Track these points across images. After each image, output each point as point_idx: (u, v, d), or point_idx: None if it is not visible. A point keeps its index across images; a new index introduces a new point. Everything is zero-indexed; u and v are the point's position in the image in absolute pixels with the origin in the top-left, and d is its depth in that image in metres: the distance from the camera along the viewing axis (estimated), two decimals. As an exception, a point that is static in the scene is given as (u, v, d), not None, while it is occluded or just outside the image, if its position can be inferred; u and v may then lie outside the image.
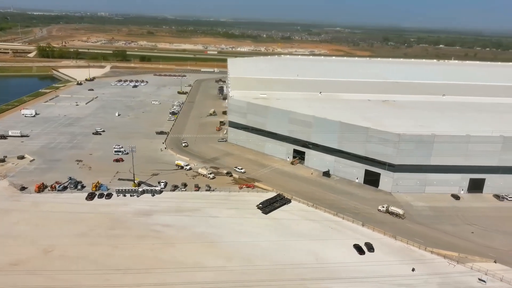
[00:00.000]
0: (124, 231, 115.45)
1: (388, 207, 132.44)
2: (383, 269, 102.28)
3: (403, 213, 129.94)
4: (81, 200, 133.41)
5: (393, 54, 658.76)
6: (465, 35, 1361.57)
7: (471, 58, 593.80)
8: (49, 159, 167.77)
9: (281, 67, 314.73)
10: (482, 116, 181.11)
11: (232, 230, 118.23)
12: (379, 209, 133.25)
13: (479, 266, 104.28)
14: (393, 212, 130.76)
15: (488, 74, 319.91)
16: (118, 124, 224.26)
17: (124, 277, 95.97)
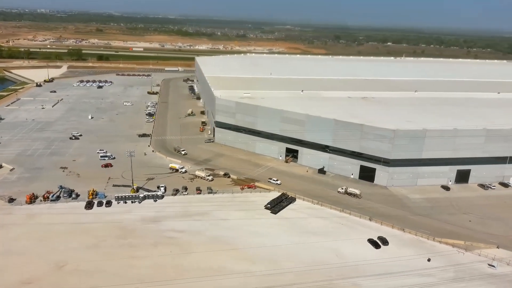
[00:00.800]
0: (137, 240, 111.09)
1: (347, 189, 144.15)
2: (401, 262, 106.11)
3: (360, 193, 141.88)
4: (79, 210, 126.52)
5: (347, 51, 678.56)
6: (408, 33, 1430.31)
7: (420, 55, 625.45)
8: (31, 168, 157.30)
9: (252, 66, 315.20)
10: (456, 110, 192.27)
11: (246, 232, 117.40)
12: (338, 191, 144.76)
13: (486, 252, 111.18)
14: (351, 193, 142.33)
15: (451, 70, 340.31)
16: (93, 127, 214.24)
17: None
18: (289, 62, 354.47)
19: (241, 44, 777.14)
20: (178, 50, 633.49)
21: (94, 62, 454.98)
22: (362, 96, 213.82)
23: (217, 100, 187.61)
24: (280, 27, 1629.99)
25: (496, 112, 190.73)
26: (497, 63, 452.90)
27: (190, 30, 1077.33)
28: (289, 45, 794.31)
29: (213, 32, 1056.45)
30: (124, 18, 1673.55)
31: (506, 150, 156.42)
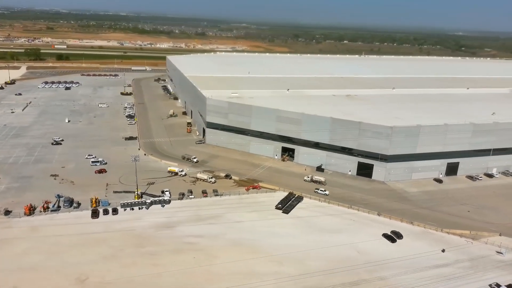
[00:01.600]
0: (156, 248, 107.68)
1: (312, 177, 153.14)
2: (418, 254, 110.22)
3: (325, 180, 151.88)
4: (86, 219, 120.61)
5: (308, 49, 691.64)
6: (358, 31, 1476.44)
7: (377, 53, 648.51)
8: (18, 176, 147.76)
9: (227, 65, 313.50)
10: (435, 106, 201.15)
11: (264, 233, 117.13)
12: (305, 180, 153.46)
13: (491, 240, 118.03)
14: (316, 180, 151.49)
15: (419, 67, 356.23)
16: (73, 131, 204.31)
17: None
18: (263, 61, 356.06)
19: (203, 42, 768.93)
20: (140, 48, 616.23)
21: (54, 62, 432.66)
22: (346, 94, 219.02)
23: (208, 101, 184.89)
24: (237, 25, 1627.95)
25: (471, 106, 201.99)
26: (460, 60, 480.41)
27: (146, 28, 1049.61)
28: (251, 44, 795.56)
29: (171, 30, 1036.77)
30: (73, 16, 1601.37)
31: (490, 143, 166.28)
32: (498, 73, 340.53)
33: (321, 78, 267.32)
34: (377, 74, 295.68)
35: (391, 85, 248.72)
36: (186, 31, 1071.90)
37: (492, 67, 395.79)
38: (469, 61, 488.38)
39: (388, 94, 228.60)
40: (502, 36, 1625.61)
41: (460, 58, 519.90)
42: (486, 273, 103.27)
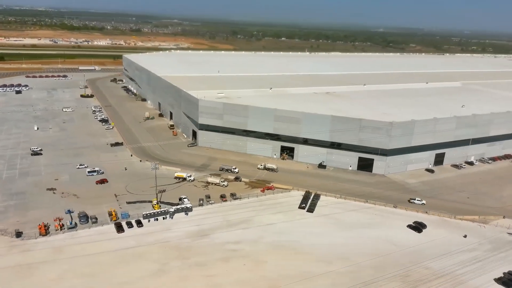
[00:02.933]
0: (202, 258, 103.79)
1: (265, 165, 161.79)
2: (445, 241, 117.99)
3: (276, 167, 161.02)
4: (111, 234, 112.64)
5: (252, 47, 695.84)
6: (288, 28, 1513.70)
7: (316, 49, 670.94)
8: (10, 193, 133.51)
9: (192, 64, 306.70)
10: (409, 100, 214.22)
11: (300, 234, 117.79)
12: (258, 168, 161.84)
13: (502, 223, 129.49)
14: (269, 168, 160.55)
15: (371, 63, 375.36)
16: (47, 139, 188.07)
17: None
18: (224, 59, 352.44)
19: (142, 39, 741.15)
20: (77, 46, 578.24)
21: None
22: (326, 91, 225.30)
23: (200, 102, 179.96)
24: (169, 21, 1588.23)
25: (439, 100, 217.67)
26: (400, 56, 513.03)
27: (75, 24, 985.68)
28: (192, 41, 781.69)
29: (103, 26, 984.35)
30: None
31: (469, 134, 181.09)
32: (440, 67, 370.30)
33: (292, 76, 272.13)
34: (339, 71, 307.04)
35: (358, 81, 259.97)
36: (119, 27, 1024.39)
37: (430, 62, 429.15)
38: (408, 56, 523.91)
39: (362, 90, 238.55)
40: (419, 32, 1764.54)
41: (399, 54, 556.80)
42: (509, 255, 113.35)
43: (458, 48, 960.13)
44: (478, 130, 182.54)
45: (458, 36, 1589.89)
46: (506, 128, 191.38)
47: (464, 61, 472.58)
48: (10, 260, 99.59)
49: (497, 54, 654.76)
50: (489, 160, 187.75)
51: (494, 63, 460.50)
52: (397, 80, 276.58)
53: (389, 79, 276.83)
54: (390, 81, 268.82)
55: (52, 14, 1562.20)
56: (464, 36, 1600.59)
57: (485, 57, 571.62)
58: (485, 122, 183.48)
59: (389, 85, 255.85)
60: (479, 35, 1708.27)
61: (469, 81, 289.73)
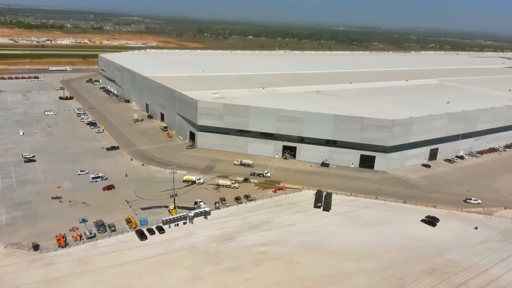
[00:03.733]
0: (233, 262, 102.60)
1: (241, 160, 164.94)
2: (460, 234, 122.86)
3: (252, 163, 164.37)
4: (135, 242, 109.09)
5: (221, 45, 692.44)
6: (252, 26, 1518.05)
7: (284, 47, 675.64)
8: (13, 203, 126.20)
9: (173, 63, 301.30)
10: (398, 98, 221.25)
11: (324, 233, 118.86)
12: (234, 164, 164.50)
13: (506, 213, 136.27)
14: (245, 164, 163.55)
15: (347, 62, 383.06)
16: (37, 145, 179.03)
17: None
18: (202, 58, 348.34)
19: (108, 38, 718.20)
20: (41, 46, 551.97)
21: None
22: (316, 90, 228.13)
23: (200, 103, 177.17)
24: (128, 19, 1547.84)
25: (424, 97, 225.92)
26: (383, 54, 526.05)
27: (32, 22, 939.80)
28: (159, 39, 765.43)
29: (63, 25, 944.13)
30: None
31: (460, 129, 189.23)
32: (413, 65, 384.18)
33: (278, 75, 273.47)
34: (320, 70, 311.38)
35: (343, 80, 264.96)
36: (79, 25, 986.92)
37: (400, 60, 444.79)
38: (378, 55, 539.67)
39: (349, 88, 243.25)
40: (378, 31, 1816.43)
41: (368, 52, 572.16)
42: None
43: (417, 46, 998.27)
44: (467, 125, 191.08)
45: (414, 34, 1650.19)
46: (490, 123, 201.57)
47: (432, 58, 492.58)
48: (34, 275, 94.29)
49: (458, 52, 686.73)
50: (477, 153, 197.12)
51: (459, 60, 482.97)
52: (379, 78, 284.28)
53: (371, 77, 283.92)
54: (373, 79, 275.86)
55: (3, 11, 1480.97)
56: (419, 34, 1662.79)
57: (448, 54, 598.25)
58: (473, 117, 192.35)
59: (373, 83, 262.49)
60: (433, 33, 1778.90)
61: (444, 78, 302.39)
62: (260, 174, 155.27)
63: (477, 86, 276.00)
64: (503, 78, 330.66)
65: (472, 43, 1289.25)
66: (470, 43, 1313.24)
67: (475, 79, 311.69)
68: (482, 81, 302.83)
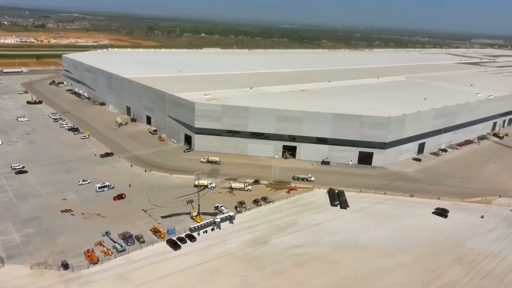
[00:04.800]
0: (276, 266, 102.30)
1: (208, 158, 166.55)
2: (471, 223, 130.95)
3: (219, 160, 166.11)
4: (170, 253, 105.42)
5: (176, 43, 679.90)
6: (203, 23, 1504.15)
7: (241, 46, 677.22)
8: (20, 220, 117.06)
9: (146, 63, 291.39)
10: (375, 95, 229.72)
11: (353, 231, 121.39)
12: (201, 161, 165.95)
13: (503, 202, 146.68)
14: (212, 161, 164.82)
15: (314, 60, 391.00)
16: (20, 154, 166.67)
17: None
18: (174, 57, 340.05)
19: (54, 36, 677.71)
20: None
21: None
22: (301, 89, 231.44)
23: (197, 105, 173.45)
24: (67, 16, 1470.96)
25: (401, 93, 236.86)
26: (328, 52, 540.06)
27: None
28: (111, 37, 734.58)
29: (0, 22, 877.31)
30: None
31: (442, 124, 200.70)
32: (375, 62, 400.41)
33: (258, 74, 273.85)
34: (294, 68, 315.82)
35: (320, 78, 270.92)
36: (17, 22, 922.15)
37: (360, 57, 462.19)
38: (337, 53, 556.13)
39: (331, 87, 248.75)
40: (323, 28, 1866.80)
41: (327, 50, 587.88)
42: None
43: (364, 43, 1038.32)
44: (448, 120, 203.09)
45: (356, 31, 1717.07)
46: (466, 117, 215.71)
47: (387, 55, 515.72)
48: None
49: (408, 49, 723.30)
50: (457, 146, 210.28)
51: (412, 57, 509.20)
52: (352, 76, 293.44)
53: (345, 75, 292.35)
54: (347, 77, 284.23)
55: None
56: (360, 32, 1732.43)
57: (399, 51, 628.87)
58: (453, 112, 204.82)
59: (350, 81, 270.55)
60: (374, 31, 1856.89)
61: (409, 75, 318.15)
62: (304, 179, 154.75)
63: (441, 82, 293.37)
64: (460, 73, 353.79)
65: (412, 40, 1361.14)
66: (410, 40, 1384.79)
67: (437, 75, 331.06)
68: (444, 77, 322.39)
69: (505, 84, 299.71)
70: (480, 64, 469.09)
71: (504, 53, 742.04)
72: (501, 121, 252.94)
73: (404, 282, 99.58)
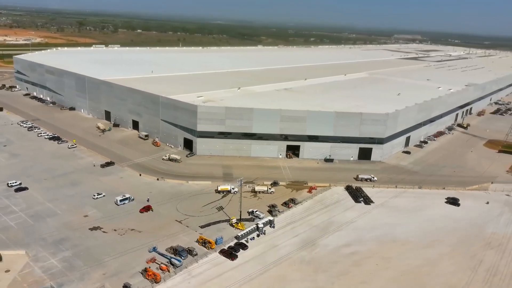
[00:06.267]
0: (337, 267, 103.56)
1: (170, 155, 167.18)
2: (481, 209, 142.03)
3: (180, 158, 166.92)
4: (228, 264, 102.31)
5: (113, 39, 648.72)
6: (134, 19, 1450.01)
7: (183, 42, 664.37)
8: (49, 243, 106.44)
9: (113, 63, 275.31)
10: (353, 92, 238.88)
11: (385, 226, 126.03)
12: (163, 159, 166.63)
13: (500, 187, 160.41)
14: (173, 159, 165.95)
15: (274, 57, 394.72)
16: (9, 169, 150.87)
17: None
18: (133, 57, 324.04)
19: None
20: None
21: None
22: (284, 88, 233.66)
23: (199, 109, 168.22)
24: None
25: (374, 89, 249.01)
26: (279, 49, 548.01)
27: None
28: (42, 34, 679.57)
29: None
30: None
31: (423, 117, 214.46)
32: (331, 59, 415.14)
33: (231, 73, 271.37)
34: (259, 67, 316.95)
35: (297, 76, 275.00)
36: None
37: (313, 54, 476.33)
38: (291, 50, 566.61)
39: (309, 85, 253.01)
40: (256, 25, 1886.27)
41: (277, 47, 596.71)
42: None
43: (301, 40, 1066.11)
44: (426, 113, 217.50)
45: (286, 28, 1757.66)
46: (439, 110, 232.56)
47: (335, 52, 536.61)
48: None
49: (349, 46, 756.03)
50: (434, 138, 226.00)
51: (358, 53, 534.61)
52: (320, 73, 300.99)
53: (315, 73, 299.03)
54: (318, 75, 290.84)
55: None
56: (291, 28, 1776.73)
57: (342, 48, 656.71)
58: (430, 106, 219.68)
59: (322, 79, 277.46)
60: (302, 27, 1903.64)
61: (369, 71, 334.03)
62: (368, 179, 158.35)
63: (400, 77, 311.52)
64: (411, 69, 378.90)
65: (342, 36, 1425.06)
66: (339, 36, 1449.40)
67: (393, 71, 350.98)
68: (400, 72, 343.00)
69: (453, 78, 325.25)
70: (420, 59, 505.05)
71: (432, 48, 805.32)
72: (461, 113, 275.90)
73: (454, 270, 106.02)
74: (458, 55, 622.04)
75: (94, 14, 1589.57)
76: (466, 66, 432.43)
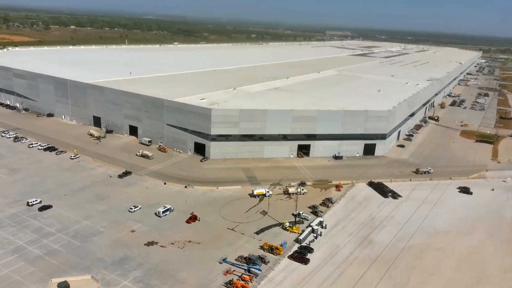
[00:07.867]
0: (404, 262, 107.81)
1: (143, 152, 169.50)
2: (489, 197, 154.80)
3: (152, 155, 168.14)
4: (303, 269, 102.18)
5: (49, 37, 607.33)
6: (54, 14, 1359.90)
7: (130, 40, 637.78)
8: (108, 265, 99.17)
9: (85, 64, 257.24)
10: (337, 88, 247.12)
11: (421, 218, 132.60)
12: (136, 154, 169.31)
13: (497, 175, 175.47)
14: (145, 155, 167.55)
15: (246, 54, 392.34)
16: (15, 187, 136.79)
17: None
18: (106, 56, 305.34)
19: None
20: None
21: None
22: (274, 87, 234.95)
23: (213, 112, 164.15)
24: None
25: (356, 86, 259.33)
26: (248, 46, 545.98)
27: None
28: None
29: None
30: None
31: (408, 113, 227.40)
32: (291, 56, 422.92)
33: (213, 72, 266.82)
34: (235, 65, 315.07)
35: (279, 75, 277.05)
36: None
37: (268, 52, 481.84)
38: (246, 47, 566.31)
39: (293, 83, 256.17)
40: (191, 21, 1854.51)
41: (232, 44, 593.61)
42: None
43: (243, 36, 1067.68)
44: (410, 109, 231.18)
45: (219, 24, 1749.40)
46: (417, 105, 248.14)
47: (289, 49, 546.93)
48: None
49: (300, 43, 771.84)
50: (416, 131, 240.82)
51: (309, 50, 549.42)
52: (295, 71, 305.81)
53: (291, 71, 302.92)
54: (296, 73, 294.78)
55: None
56: (223, 24, 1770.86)
57: (292, 45, 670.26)
58: (412, 102, 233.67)
59: (302, 77, 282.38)
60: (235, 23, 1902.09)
61: (336, 68, 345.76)
62: (426, 172, 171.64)
63: (366, 74, 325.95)
64: (371, 65, 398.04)
65: (278, 33, 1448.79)
66: (275, 32, 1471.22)
67: (357, 67, 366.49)
68: (363, 68, 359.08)
69: (411, 73, 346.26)
70: (368, 55, 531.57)
71: (371, 44, 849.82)
72: (428, 106, 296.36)
73: (503, 255, 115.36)
74: (398, 51, 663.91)
75: (11, 9, 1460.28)
76: (413, 62, 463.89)
